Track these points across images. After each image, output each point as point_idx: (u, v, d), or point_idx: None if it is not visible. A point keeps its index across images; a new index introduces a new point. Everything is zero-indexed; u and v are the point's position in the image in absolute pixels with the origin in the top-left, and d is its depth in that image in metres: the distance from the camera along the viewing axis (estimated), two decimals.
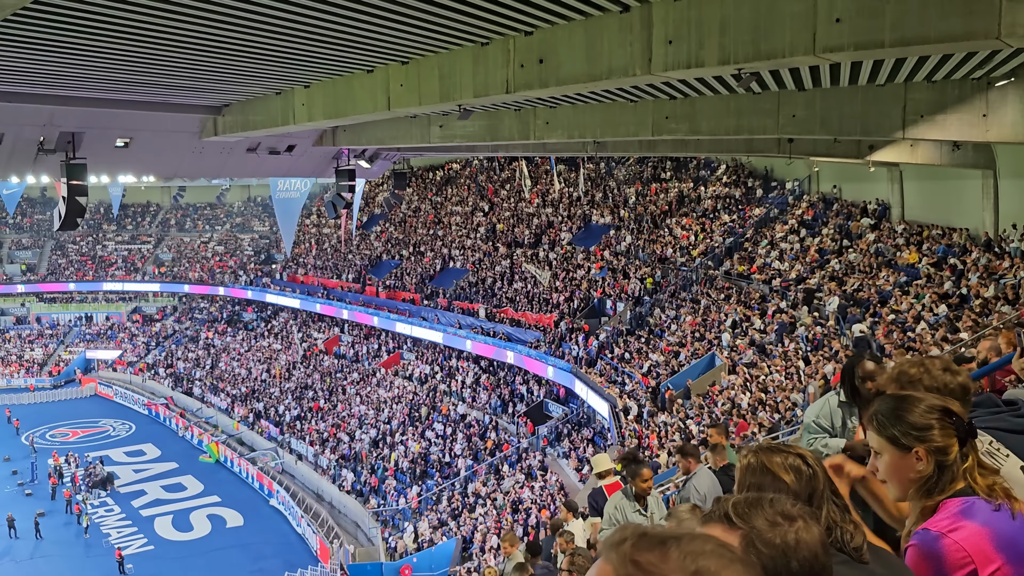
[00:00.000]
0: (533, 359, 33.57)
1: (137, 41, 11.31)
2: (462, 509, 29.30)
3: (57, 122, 17.47)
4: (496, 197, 48.09)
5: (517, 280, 39.59)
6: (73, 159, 17.77)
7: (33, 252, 66.45)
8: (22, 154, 18.08)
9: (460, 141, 20.12)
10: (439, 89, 12.27)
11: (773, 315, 26.16)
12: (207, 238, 68.16)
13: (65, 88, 15.72)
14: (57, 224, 18.80)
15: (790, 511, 1.67)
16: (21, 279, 63.72)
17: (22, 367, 58.31)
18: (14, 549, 30.76)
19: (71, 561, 29.92)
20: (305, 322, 53.49)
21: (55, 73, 13.86)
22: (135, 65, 13.15)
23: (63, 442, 44.02)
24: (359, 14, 9.83)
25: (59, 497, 35.29)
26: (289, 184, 29.07)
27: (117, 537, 31.70)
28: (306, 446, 38.61)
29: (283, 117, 16.63)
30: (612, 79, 9.89)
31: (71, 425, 47.65)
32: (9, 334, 61.98)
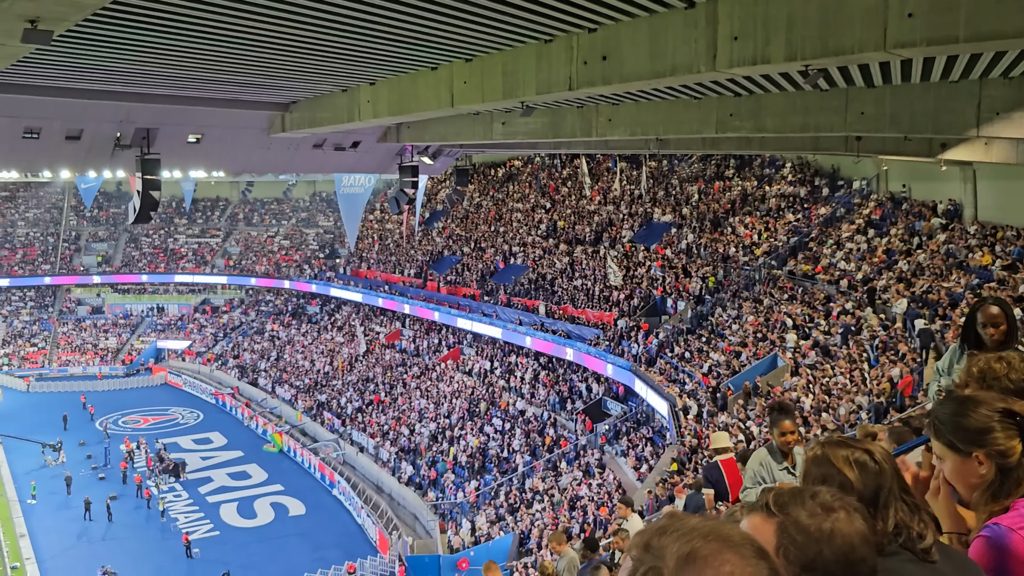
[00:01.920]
0: (592, 356, 33.50)
1: (209, 40, 11.67)
2: (519, 504, 29.43)
3: (133, 119, 18.11)
4: (557, 194, 48.08)
5: (577, 277, 39.54)
6: (147, 154, 18.40)
7: (109, 244, 68.87)
8: (100, 150, 18.80)
9: (522, 138, 20.19)
10: (502, 86, 12.36)
11: (838, 316, 25.64)
12: (274, 232, 69.68)
13: (141, 86, 16.29)
14: (132, 217, 19.53)
15: (831, 503, 1.65)
16: (97, 270, 66.17)
17: (97, 355, 60.55)
18: (89, 531, 32.00)
19: (141, 544, 30.98)
20: (367, 316, 54.31)
21: (131, 71, 14.38)
22: (207, 63, 13.56)
23: (134, 429, 45.60)
24: (425, 12, 9.97)
25: (130, 481, 36.57)
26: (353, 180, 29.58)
27: (184, 522, 32.71)
28: (367, 438, 39.23)
29: (349, 114, 16.94)
30: (676, 76, 9.84)
31: (142, 412, 49.30)
32: (85, 323, 64.41)
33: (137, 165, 18.32)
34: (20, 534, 31.00)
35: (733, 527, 1.34)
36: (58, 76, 14.98)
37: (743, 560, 1.26)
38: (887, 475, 2.08)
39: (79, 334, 63.05)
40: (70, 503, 34.28)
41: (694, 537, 1.26)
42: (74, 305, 66.12)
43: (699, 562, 1.24)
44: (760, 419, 22.94)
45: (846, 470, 2.09)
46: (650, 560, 1.27)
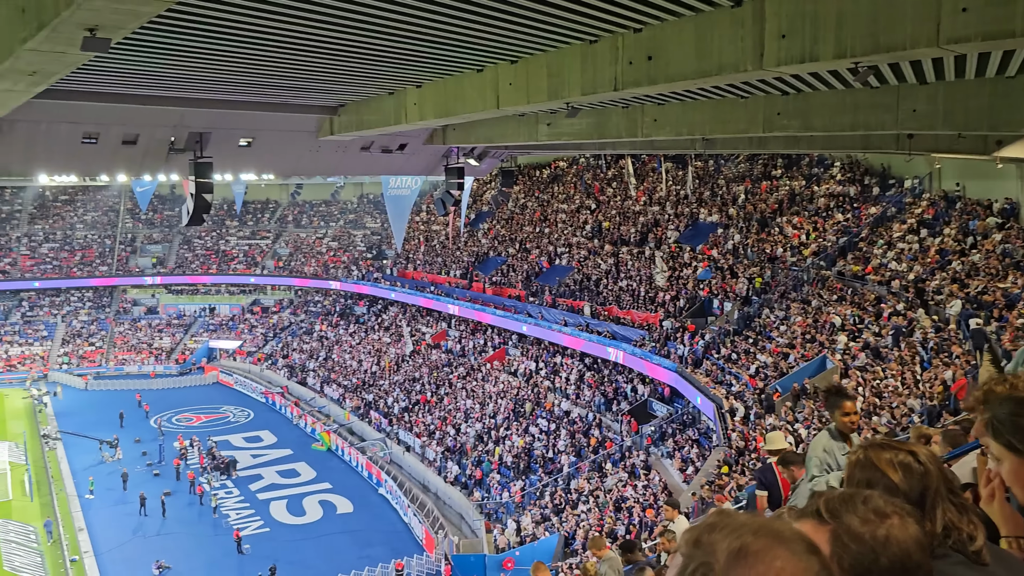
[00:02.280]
0: (638, 357, 33.34)
1: (260, 45, 11.92)
2: (565, 505, 29.42)
3: (186, 123, 18.54)
4: (602, 195, 47.94)
5: (622, 278, 39.38)
6: (200, 158, 18.81)
7: (163, 246, 70.52)
8: (155, 153, 19.29)
9: (567, 139, 20.19)
10: (547, 87, 12.40)
11: (889, 318, 25.14)
12: (322, 234, 70.64)
13: (194, 91, 16.67)
14: (185, 220, 19.97)
15: (884, 508, 1.62)
16: (152, 271, 67.80)
17: (151, 354, 62.02)
18: (144, 526, 32.81)
19: (193, 539, 31.66)
20: (414, 316, 54.75)
21: (185, 77, 14.74)
22: (258, 68, 13.84)
23: (187, 426, 46.62)
24: (470, 15, 10.06)
25: (183, 478, 37.40)
26: (400, 182, 29.85)
27: (236, 518, 33.35)
28: (413, 437, 39.55)
29: (395, 116, 17.12)
30: (722, 75, 9.78)
31: (195, 410, 50.38)
32: (140, 323, 66.03)
33: (190, 168, 18.74)
34: (79, 528, 31.91)
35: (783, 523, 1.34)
36: (115, 83, 15.43)
37: (794, 556, 1.25)
38: (933, 476, 2.04)
39: (135, 334, 64.66)
40: (126, 499, 35.19)
41: (744, 533, 1.26)
42: (130, 305, 67.86)
43: (750, 558, 1.23)
44: (808, 421, 22.61)
45: (890, 472, 2.05)
46: (700, 556, 1.26)
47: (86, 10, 7.37)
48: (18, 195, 70.50)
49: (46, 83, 11.26)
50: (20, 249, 66.95)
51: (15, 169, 18.13)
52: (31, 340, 62.25)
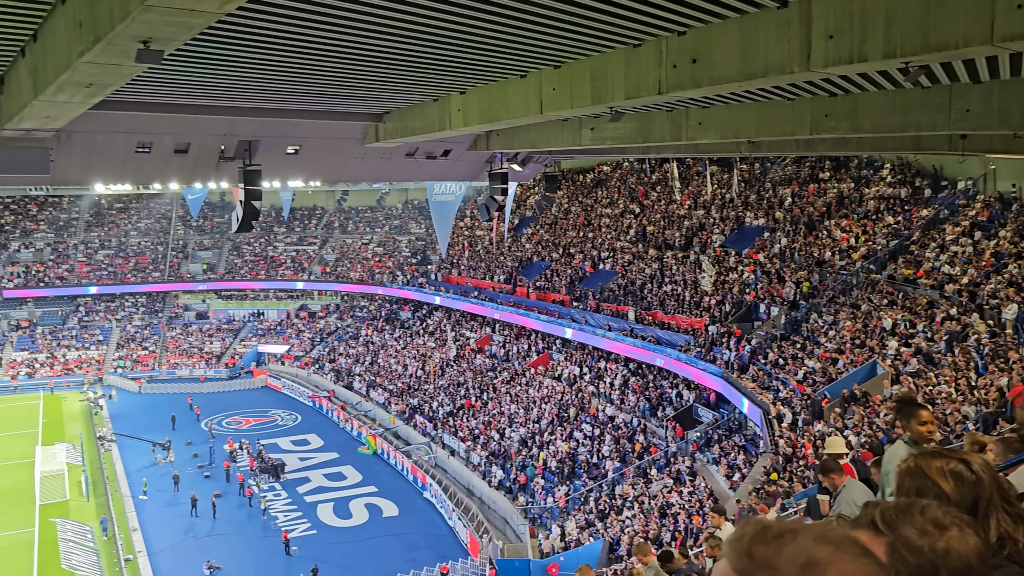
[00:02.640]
0: (683, 363, 33.06)
1: (308, 54, 12.12)
2: (609, 511, 29.27)
3: (236, 132, 18.91)
4: (646, 199, 47.67)
5: (667, 283, 39.10)
6: (249, 166, 19.17)
7: (213, 252, 71.94)
8: (206, 162, 19.70)
9: (611, 143, 20.15)
10: (591, 92, 12.39)
11: (942, 322, 24.57)
12: (367, 240, 71.39)
13: (243, 100, 17.02)
14: (235, 227, 20.34)
15: (942, 519, 1.58)
16: (202, 277, 69.19)
17: (202, 359, 63.24)
18: (195, 527, 33.43)
19: (243, 540, 32.16)
20: (458, 321, 55.01)
21: (235, 86, 15.05)
22: (305, 76, 14.08)
23: (237, 430, 47.41)
24: (514, 21, 10.12)
25: (233, 480, 38.04)
26: (445, 187, 30.07)
27: (284, 520, 33.80)
28: (458, 442, 39.71)
29: (440, 123, 17.26)
30: (768, 77, 9.68)
31: (244, 414, 51.23)
32: (192, 328, 67.40)
33: (240, 176, 19.10)
34: (133, 528, 32.65)
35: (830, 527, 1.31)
36: (168, 93, 15.82)
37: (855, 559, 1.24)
38: (985, 485, 2.01)
39: (186, 338, 66.02)
40: (177, 500, 35.91)
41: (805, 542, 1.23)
42: (181, 310, 69.32)
43: (820, 567, 1.21)
44: (858, 428, 22.19)
45: (941, 481, 2.02)
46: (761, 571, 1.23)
47: (140, 23, 7.58)
48: (75, 203, 72.57)
49: (102, 95, 11.59)
50: (77, 256, 68.85)
51: (72, 178, 18.65)
52: (87, 344, 63.94)
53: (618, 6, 9.43)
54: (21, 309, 65.97)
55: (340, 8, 9.47)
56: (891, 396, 22.85)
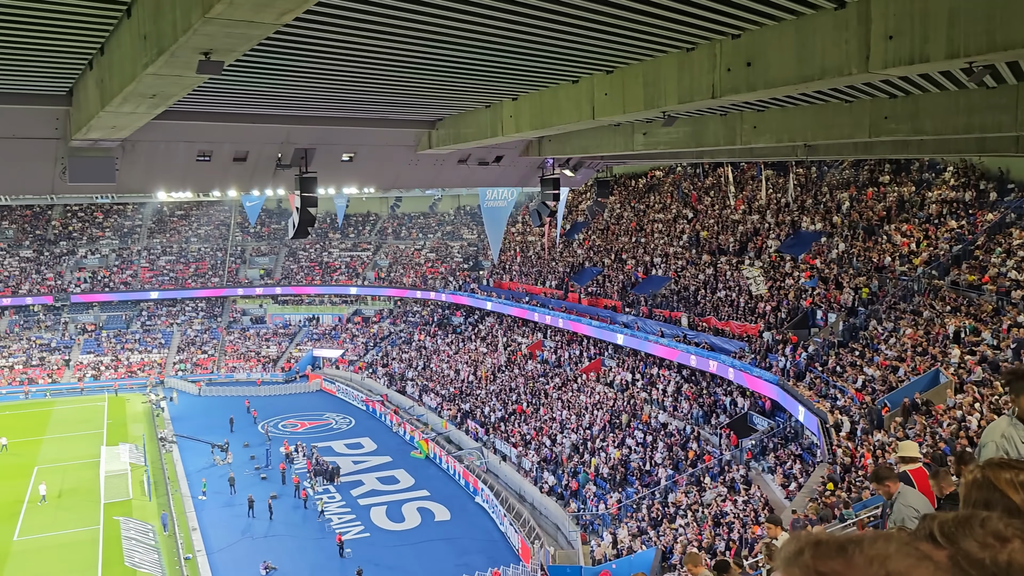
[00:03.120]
0: (737, 369, 32.61)
1: (363, 62, 12.30)
2: (662, 519, 28.99)
3: (293, 140, 19.28)
4: (700, 204, 47.19)
5: (721, 288, 38.63)
6: (305, 173, 19.52)
7: (270, 258, 73.36)
8: (263, 170, 20.11)
9: (664, 148, 20.01)
10: (643, 96, 12.34)
11: (1008, 330, 23.80)
12: (420, 245, 72.02)
13: (300, 108, 17.35)
14: (291, 233, 20.73)
15: (1004, 531, 1.51)
16: (260, 283, 70.59)
17: (259, 362, 64.46)
18: (252, 527, 34.05)
19: (298, 542, 32.65)
20: (510, 327, 55.12)
21: (291, 95, 15.36)
22: (360, 84, 14.29)
23: (292, 432, 48.20)
24: (567, 27, 10.14)
25: (288, 482, 38.66)
26: (497, 193, 30.17)
27: (338, 523, 34.23)
28: (509, 447, 39.75)
29: (492, 129, 17.35)
30: (825, 79, 9.52)
31: (299, 417, 52.07)
32: (249, 332, 68.77)
33: (296, 183, 19.47)
34: (192, 527, 33.40)
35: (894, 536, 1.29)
36: (227, 103, 16.20)
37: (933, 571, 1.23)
38: None
39: (244, 342, 67.37)
40: (234, 501, 36.65)
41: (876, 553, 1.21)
42: (239, 315, 70.80)
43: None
44: (920, 438, 21.61)
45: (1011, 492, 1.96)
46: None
47: (201, 35, 7.79)
48: (139, 211, 74.72)
49: (165, 105, 11.93)
50: (140, 262, 70.83)
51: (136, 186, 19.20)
52: (150, 348, 65.69)
53: (672, 11, 9.39)
54: (88, 313, 68.14)
55: (394, 17, 9.60)
56: (955, 405, 22.22)
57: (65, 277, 67.72)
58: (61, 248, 70.17)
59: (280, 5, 6.95)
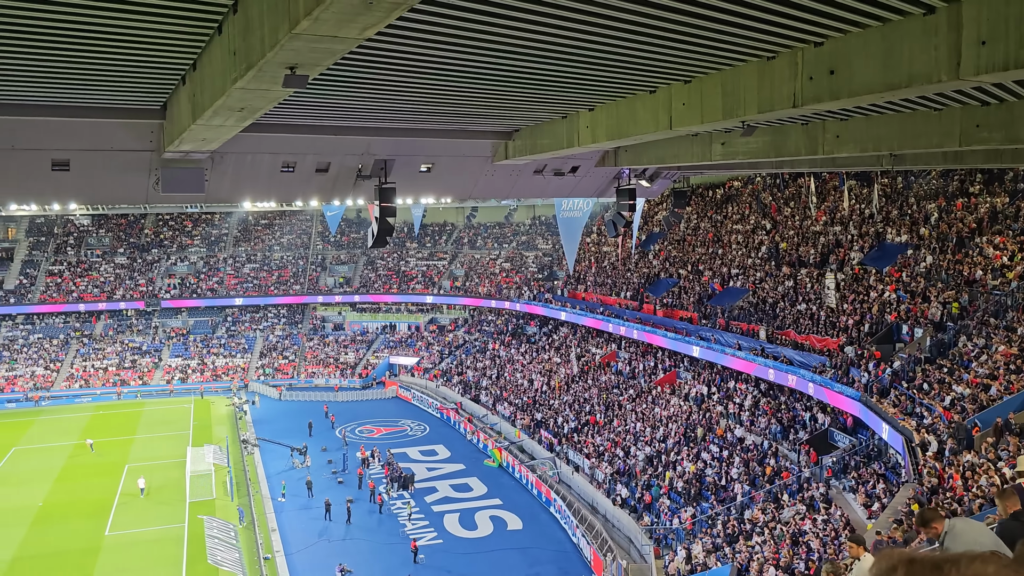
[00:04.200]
0: (817, 384, 31.76)
1: (441, 74, 12.52)
2: (738, 535, 28.39)
3: (372, 151, 19.72)
4: (779, 215, 46.22)
5: (801, 301, 37.71)
6: (385, 183, 19.95)
7: (349, 267, 74.95)
8: (344, 180, 20.61)
9: (742, 158, 19.72)
10: (721, 106, 12.21)
11: None
12: (495, 255, 72.50)
13: (380, 120, 17.74)
14: (370, 242, 21.18)
15: None
16: (339, 291, 72.18)
17: (337, 368, 65.81)
18: (329, 530, 34.73)
19: (372, 546, 33.14)
20: (584, 337, 54.94)
21: (372, 107, 15.72)
22: (439, 96, 14.53)
23: (368, 438, 49.03)
24: (644, 37, 10.12)
25: (364, 487, 39.31)
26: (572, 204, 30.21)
27: (412, 528, 34.62)
28: (582, 458, 39.56)
29: (568, 139, 17.41)
30: (913, 87, 9.26)
31: (375, 422, 52.93)
32: (328, 339, 70.32)
33: (375, 193, 19.91)
34: (271, 528, 34.27)
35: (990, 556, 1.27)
36: (311, 116, 16.70)
37: None
38: None
39: (323, 348, 68.92)
40: (311, 504, 37.44)
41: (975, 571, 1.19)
42: (319, 322, 72.48)
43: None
44: (1012, 460, 20.64)
45: None
46: None
47: (288, 50, 8.07)
48: (225, 220, 77.40)
49: (252, 118, 12.37)
50: (226, 269, 73.26)
51: (224, 196, 19.93)
52: (234, 352, 67.79)
53: (752, 19, 9.28)
54: (176, 318, 70.78)
55: (472, 30, 9.76)
56: None
57: (156, 283, 70.52)
58: (153, 255, 73.14)
59: (362, 20, 7.15)
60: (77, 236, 73.36)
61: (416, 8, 8.64)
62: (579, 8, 8.86)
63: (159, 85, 13.46)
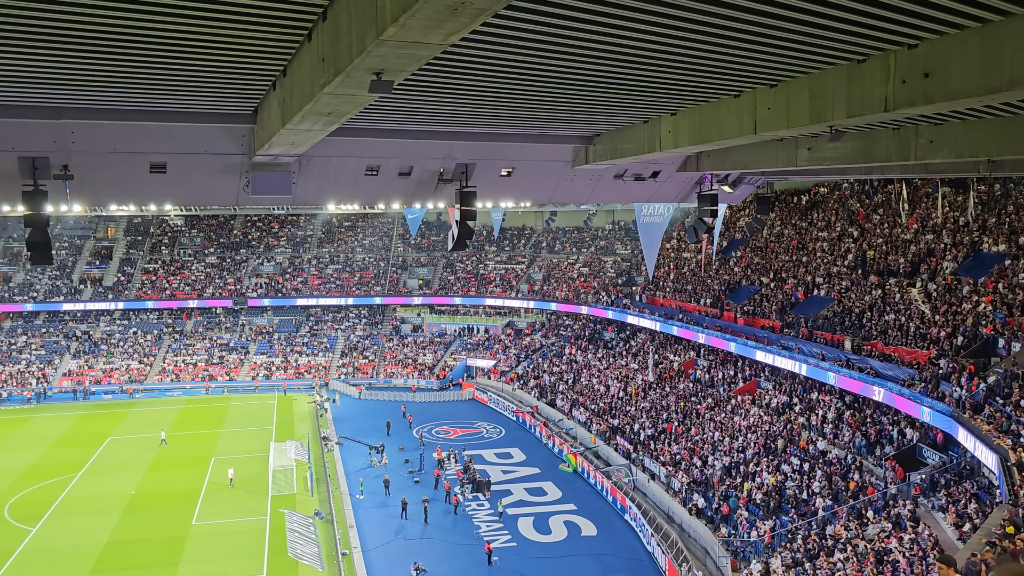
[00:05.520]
0: (905, 398, 30.63)
1: (523, 79, 12.59)
2: (819, 551, 27.61)
3: (454, 155, 19.96)
4: (868, 222, 44.79)
5: (889, 311, 36.45)
6: (465, 187, 20.16)
7: (428, 269, 75.96)
8: (426, 184, 20.91)
9: (829, 164, 19.21)
10: (809, 110, 11.95)
11: None
12: (574, 260, 72.38)
13: (462, 125, 17.96)
14: (451, 245, 21.43)
15: None
16: (418, 292, 73.20)
17: (415, 369, 66.72)
18: (405, 529, 35.24)
19: (447, 546, 33.45)
20: (662, 344, 54.33)
21: (454, 112, 15.93)
22: (520, 101, 14.62)
23: (445, 439, 49.55)
24: (730, 41, 9.99)
25: (440, 487, 39.74)
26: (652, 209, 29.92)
27: (487, 531, 34.82)
28: (658, 466, 39.11)
29: (649, 144, 17.28)
30: (1015, 90, 8.88)
31: (452, 424, 53.46)
32: (407, 340, 71.39)
33: (456, 197, 20.14)
34: (349, 525, 34.96)
35: None
36: (395, 120, 17.02)
37: None
38: None
39: (402, 349, 70.01)
40: (388, 502, 38.05)
41: None
42: (398, 323, 73.67)
43: None
44: None
45: None
46: None
47: (374, 56, 8.27)
48: (310, 222, 79.52)
49: (338, 123, 12.69)
50: (310, 270, 75.18)
51: (310, 199, 20.46)
52: (316, 351, 69.49)
53: (843, 22, 9.06)
54: (262, 317, 72.99)
55: (554, 35, 9.79)
56: None
57: (243, 282, 72.87)
58: (241, 255, 75.63)
59: (447, 26, 7.27)
60: (171, 236, 76.45)
61: (499, 13, 8.73)
62: (663, 12, 8.81)
63: (251, 91, 13.94)
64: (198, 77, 12.49)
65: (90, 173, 16.06)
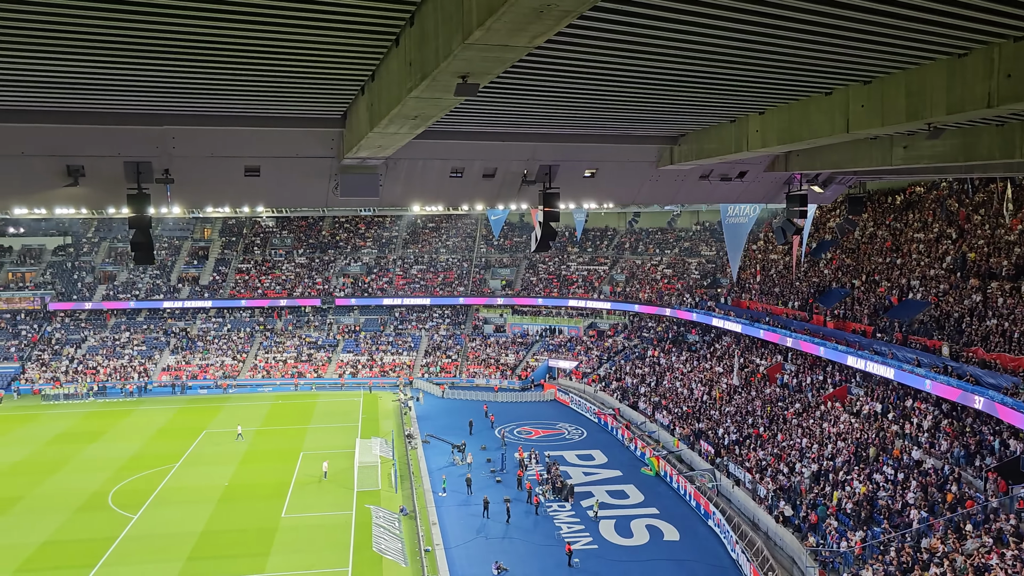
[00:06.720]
0: (1008, 407, 29.20)
1: (607, 79, 12.55)
2: (913, 565, 26.58)
3: (538, 157, 20.04)
4: (968, 223, 42.88)
5: (991, 316, 34.81)
6: (549, 188, 20.21)
7: (511, 270, 76.35)
8: (509, 185, 21.05)
9: (927, 162, 18.48)
10: (905, 107, 11.54)
11: None
12: (657, 261, 71.61)
13: (545, 127, 18.01)
14: (533, 246, 21.52)
15: None
16: (501, 293, 73.66)
17: (497, 369, 67.15)
18: (486, 528, 35.48)
19: (529, 547, 33.52)
20: (748, 347, 53.23)
21: (538, 113, 15.99)
22: (604, 101, 14.57)
23: (526, 439, 49.70)
24: (821, 37, 9.75)
25: (522, 487, 39.88)
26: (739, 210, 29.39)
27: (568, 532, 34.76)
28: (743, 472, 38.32)
29: (736, 144, 16.97)
30: None
31: (533, 424, 53.58)
32: (490, 340, 71.91)
33: (540, 198, 20.21)
34: (432, 522, 35.43)
35: None
36: (479, 123, 17.19)
37: None
38: None
39: (484, 349, 70.56)
40: (469, 501, 38.40)
41: None
42: (481, 323, 74.29)
43: None
44: None
45: None
46: None
47: (460, 60, 8.38)
48: (395, 223, 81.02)
49: (424, 126, 12.90)
50: (395, 270, 76.55)
51: (396, 200, 20.86)
52: (400, 350, 70.69)
53: (944, 15, 8.73)
54: (349, 316, 74.70)
55: (639, 35, 9.73)
56: None
57: (331, 282, 74.72)
58: (329, 256, 77.59)
59: (533, 29, 7.31)
60: (263, 236, 79.01)
61: (584, 15, 8.73)
62: (751, 9, 8.65)
63: (341, 95, 14.31)
64: (291, 83, 12.90)
65: (189, 176, 16.77)
